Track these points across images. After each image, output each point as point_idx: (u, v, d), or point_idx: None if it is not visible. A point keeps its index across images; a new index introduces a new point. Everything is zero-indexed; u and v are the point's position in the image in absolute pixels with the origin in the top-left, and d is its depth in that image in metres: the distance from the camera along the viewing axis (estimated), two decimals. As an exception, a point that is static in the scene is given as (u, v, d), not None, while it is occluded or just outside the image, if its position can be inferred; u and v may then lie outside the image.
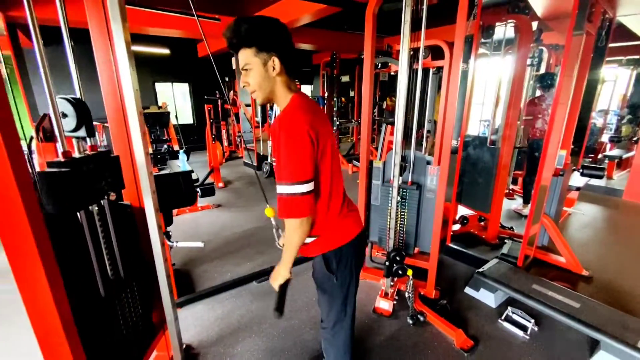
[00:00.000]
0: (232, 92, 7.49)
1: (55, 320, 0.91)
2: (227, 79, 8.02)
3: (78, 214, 1.05)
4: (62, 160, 0.98)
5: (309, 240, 1.10)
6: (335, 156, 1.06)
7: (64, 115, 1.01)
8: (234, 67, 8.03)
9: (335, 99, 6.55)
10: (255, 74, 0.96)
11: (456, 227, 3.06)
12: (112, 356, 1.20)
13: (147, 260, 1.47)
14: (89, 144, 1.12)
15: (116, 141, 1.27)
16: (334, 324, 1.17)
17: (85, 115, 1.03)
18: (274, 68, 0.96)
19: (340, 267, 1.10)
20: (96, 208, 1.12)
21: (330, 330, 1.18)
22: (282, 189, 0.95)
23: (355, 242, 1.12)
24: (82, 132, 1.04)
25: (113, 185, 1.20)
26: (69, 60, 1.05)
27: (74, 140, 1.05)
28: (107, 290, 1.19)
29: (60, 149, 0.99)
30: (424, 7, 1.76)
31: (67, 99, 1.00)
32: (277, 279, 1.07)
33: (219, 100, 7.12)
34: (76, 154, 1.05)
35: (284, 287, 1.07)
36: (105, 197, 1.14)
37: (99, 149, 1.16)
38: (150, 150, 2.81)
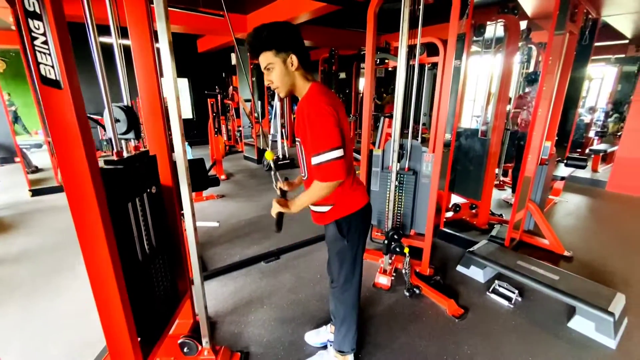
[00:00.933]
0: (231, 87, 7.61)
1: (110, 273, 1.07)
2: (223, 74, 8.14)
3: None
4: (116, 159, 1.15)
5: (325, 209, 1.28)
6: (348, 137, 1.24)
7: (117, 120, 1.17)
8: (233, 62, 8.16)
9: (333, 94, 6.70)
10: (277, 72, 1.14)
11: (449, 214, 3.27)
12: (148, 314, 1.37)
13: (171, 236, 1.64)
14: (133, 144, 1.29)
15: (149, 125, 1.43)
16: (344, 282, 1.35)
17: (134, 120, 1.21)
18: (292, 64, 1.13)
19: (351, 231, 1.28)
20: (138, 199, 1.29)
21: (341, 288, 1.37)
22: (318, 158, 1.11)
23: (363, 210, 1.30)
24: (130, 135, 1.21)
25: (152, 180, 1.37)
26: (118, 69, 1.22)
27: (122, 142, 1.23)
28: (144, 256, 1.35)
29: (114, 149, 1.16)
30: (421, 6, 1.94)
31: (120, 107, 1.18)
32: (281, 208, 1.23)
33: (219, 95, 7.24)
34: (125, 154, 1.22)
35: (281, 215, 1.25)
36: (147, 190, 1.31)
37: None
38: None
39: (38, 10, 0.84)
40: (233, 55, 7.43)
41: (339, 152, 1.10)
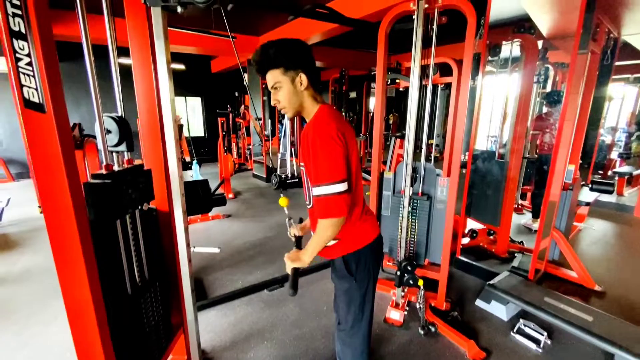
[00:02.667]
0: (242, 106, 7.70)
1: (91, 314, 0.97)
2: (236, 93, 8.27)
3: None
4: (105, 172, 1.07)
5: (330, 242, 1.14)
6: (358, 163, 1.13)
7: (108, 132, 1.10)
8: (245, 82, 8.33)
9: (343, 113, 6.68)
10: (285, 91, 1.05)
11: (465, 240, 3.07)
12: (135, 353, 1.25)
13: (167, 263, 1.54)
14: (126, 157, 1.21)
15: (147, 148, 1.36)
16: (352, 325, 1.20)
17: (126, 132, 1.13)
18: (301, 83, 1.04)
19: (359, 268, 1.15)
20: (129, 218, 1.20)
21: (349, 331, 1.22)
22: (320, 190, 1.00)
23: (374, 245, 1.17)
24: (122, 147, 1.14)
25: (145, 196, 1.28)
26: (114, 80, 1.16)
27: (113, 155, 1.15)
28: (134, 288, 1.25)
29: (103, 162, 1.08)
30: (435, 26, 1.87)
31: (112, 117, 1.11)
32: (293, 263, 1.12)
33: (230, 114, 7.33)
34: (116, 167, 1.14)
35: (296, 270, 1.12)
36: (139, 207, 1.22)
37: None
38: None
39: (23, 30, 0.78)
40: (245, 76, 7.58)
41: (342, 186, 0.99)
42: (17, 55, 0.80)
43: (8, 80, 4.14)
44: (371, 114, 7.84)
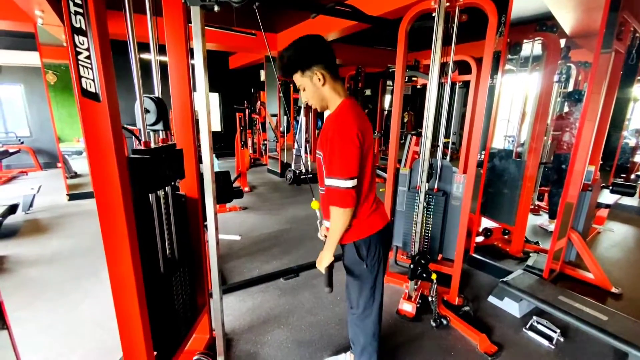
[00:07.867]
0: (258, 102, 7.83)
1: (131, 283, 1.06)
2: (252, 90, 8.41)
3: (150, 196, 1.22)
4: (143, 148, 1.17)
5: None
6: (371, 160, 1.19)
7: (147, 111, 1.20)
8: (262, 78, 8.43)
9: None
10: (308, 91, 1.15)
11: (479, 239, 3.08)
12: (166, 328, 1.35)
13: (193, 247, 1.64)
14: (161, 136, 1.30)
15: (180, 138, 1.45)
16: (364, 309, 1.27)
17: (163, 112, 1.22)
18: (319, 79, 1.12)
19: (370, 253, 1.22)
20: (162, 193, 1.29)
21: (361, 315, 1.29)
22: (331, 182, 1.10)
23: (383, 231, 1.24)
24: (159, 126, 1.23)
25: (176, 173, 1.38)
26: (153, 69, 1.25)
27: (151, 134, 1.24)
28: (166, 267, 1.35)
29: (142, 139, 1.17)
30: (455, 24, 1.89)
31: (151, 98, 1.20)
32: (322, 263, 1.23)
33: (247, 110, 7.46)
34: (152, 144, 1.23)
35: (330, 268, 1.22)
36: (172, 182, 1.31)
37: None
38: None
39: (84, 26, 0.88)
40: (262, 72, 7.69)
41: (351, 183, 1.09)
42: (78, 49, 0.89)
43: (40, 74, 4.36)
44: (386, 111, 7.82)
